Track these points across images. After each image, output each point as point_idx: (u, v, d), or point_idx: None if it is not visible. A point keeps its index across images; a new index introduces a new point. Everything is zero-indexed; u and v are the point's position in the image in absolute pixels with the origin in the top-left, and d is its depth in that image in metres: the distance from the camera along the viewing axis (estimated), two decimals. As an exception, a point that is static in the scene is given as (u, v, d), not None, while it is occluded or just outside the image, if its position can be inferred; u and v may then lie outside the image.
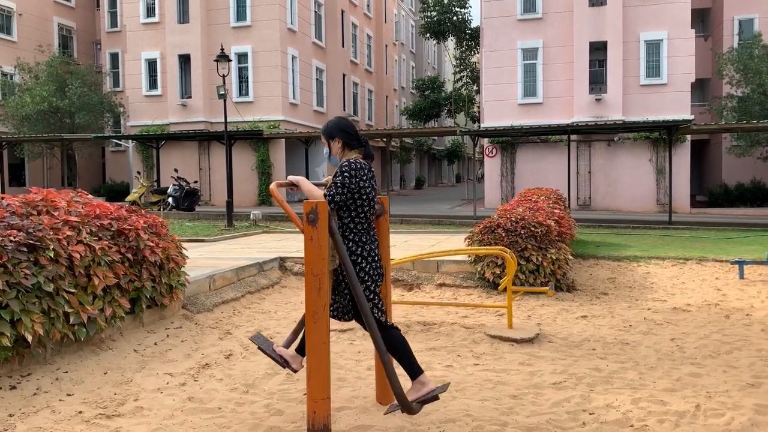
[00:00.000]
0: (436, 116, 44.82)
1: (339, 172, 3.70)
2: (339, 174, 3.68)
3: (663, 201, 24.28)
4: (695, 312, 7.33)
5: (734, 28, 29.31)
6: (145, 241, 5.91)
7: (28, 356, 4.72)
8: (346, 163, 3.75)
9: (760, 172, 27.69)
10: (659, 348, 5.79)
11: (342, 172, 3.68)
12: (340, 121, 3.98)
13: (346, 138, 3.89)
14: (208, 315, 6.89)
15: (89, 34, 36.67)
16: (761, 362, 5.30)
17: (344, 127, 3.92)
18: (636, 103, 25.12)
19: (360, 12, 38.74)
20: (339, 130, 3.90)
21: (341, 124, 3.95)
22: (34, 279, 4.58)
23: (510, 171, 26.82)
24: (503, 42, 26.45)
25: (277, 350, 4.13)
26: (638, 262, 11.22)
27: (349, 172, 3.68)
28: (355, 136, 3.92)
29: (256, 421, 4.05)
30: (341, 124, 3.95)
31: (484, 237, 8.46)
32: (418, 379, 3.74)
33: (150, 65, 29.85)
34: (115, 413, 4.18)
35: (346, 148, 3.90)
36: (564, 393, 4.57)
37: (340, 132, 3.90)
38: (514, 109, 26.47)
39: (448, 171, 71.14)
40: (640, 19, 24.99)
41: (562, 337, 6.18)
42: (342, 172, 3.68)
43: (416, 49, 56.57)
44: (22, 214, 5.08)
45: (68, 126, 29.61)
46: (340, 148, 3.90)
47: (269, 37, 27.95)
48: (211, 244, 12.55)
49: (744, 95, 24.83)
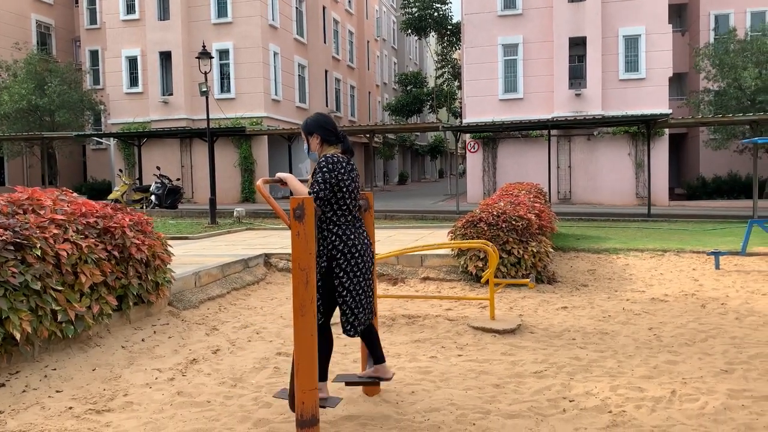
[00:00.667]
0: (418, 112, 45.00)
1: (318, 168, 3.80)
2: (318, 170, 3.78)
3: (642, 194, 24.63)
4: (672, 302, 7.52)
5: (710, 23, 29.76)
6: (131, 238, 5.95)
7: (16, 354, 4.76)
8: (323, 159, 3.84)
9: (736, 164, 28.18)
10: (637, 337, 5.95)
11: (321, 168, 3.78)
12: (319, 117, 4.06)
13: (324, 134, 3.97)
14: (194, 311, 6.94)
15: (68, 31, 36.27)
16: (734, 349, 5.48)
17: (322, 123, 4.00)
18: (615, 97, 25.44)
19: (341, 8, 38.72)
20: (317, 126, 3.98)
21: (319, 120, 4.03)
22: (22, 277, 4.62)
23: (492, 166, 27.03)
24: (484, 38, 26.62)
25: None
26: (618, 254, 11.43)
27: (327, 167, 3.78)
28: (333, 132, 4.00)
29: (245, 413, 4.13)
30: (319, 120, 4.03)
31: (466, 231, 8.59)
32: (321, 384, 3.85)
33: (130, 62, 29.63)
34: (104, 408, 4.24)
35: (324, 143, 3.98)
36: (545, 381, 4.70)
37: (318, 128, 3.98)
38: (496, 105, 26.68)
39: (431, 166, 71.37)
40: (619, 15, 25.29)
41: (543, 328, 6.32)
42: (321, 168, 3.78)
43: (398, 45, 56.65)
44: (8, 213, 5.10)
45: (48, 124, 29.32)
46: (319, 144, 3.98)
47: (250, 34, 27.88)
48: (196, 241, 12.55)
49: (720, 89, 25.24)
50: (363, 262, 3.93)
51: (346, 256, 3.84)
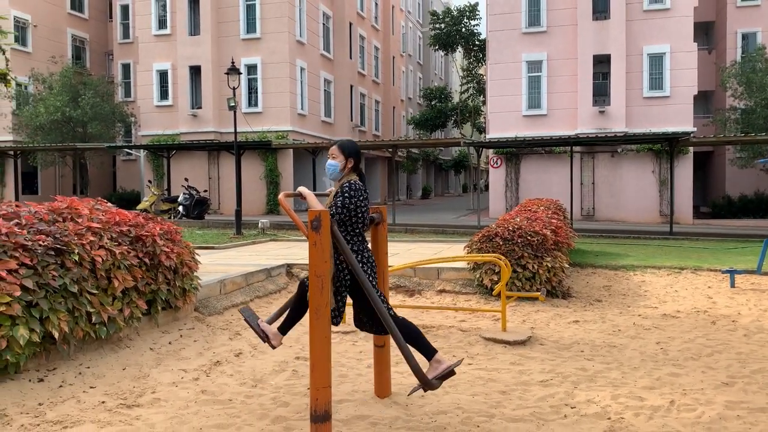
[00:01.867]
0: (442, 126, 45.27)
1: (340, 192, 4.13)
2: (340, 195, 4.11)
3: (666, 212, 24.55)
4: (684, 318, 7.65)
5: (738, 41, 29.64)
6: (161, 246, 6.31)
7: (54, 352, 5.11)
8: (347, 185, 4.16)
9: (763, 183, 27.93)
10: (644, 350, 6.12)
11: (343, 193, 4.11)
12: (356, 146, 4.41)
13: (356, 161, 4.31)
14: (219, 317, 7.27)
15: (101, 45, 37.38)
16: (738, 364, 5.63)
17: (359, 151, 4.36)
18: (639, 115, 25.46)
19: (368, 24, 39.30)
20: (356, 153, 4.32)
21: (357, 148, 4.39)
22: (61, 280, 4.98)
23: (514, 181, 27.17)
24: (508, 54, 26.88)
25: (261, 325, 4.51)
26: (635, 271, 11.54)
27: (349, 194, 4.11)
28: (360, 161, 4.35)
29: (264, 411, 4.42)
30: (357, 148, 4.39)
31: (482, 245, 8.82)
32: (434, 358, 4.16)
33: (161, 76, 30.45)
34: (134, 404, 4.56)
35: (353, 170, 4.30)
36: (549, 390, 4.92)
37: (355, 154, 4.32)
38: (519, 121, 26.86)
39: (454, 181, 71.51)
40: (643, 33, 25.37)
41: (553, 340, 6.52)
42: (343, 193, 4.11)
43: (423, 60, 57.13)
44: (48, 221, 5.49)
45: (80, 135, 30.21)
46: (350, 169, 4.29)
47: (278, 49, 28.51)
48: (221, 251, 12.94)
49: (747, 108, 25.11)
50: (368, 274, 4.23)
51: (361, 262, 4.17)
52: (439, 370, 4.08)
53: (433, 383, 4.01)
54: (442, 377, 4.07)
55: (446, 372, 4.07)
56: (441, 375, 4.06)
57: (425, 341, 4.24)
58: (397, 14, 46.98)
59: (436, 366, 4.12)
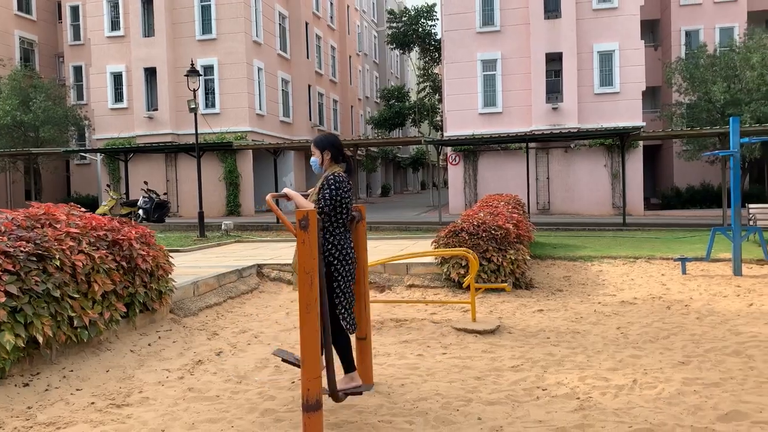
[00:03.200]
0: (400, 125, 45.67)
1: (326, 185, 4.32)
2: (327, 187, 4.29)
3: (618, 204, 25.40)
4: (641, 304, 8.09)
5: (681, 38, 30.83)
6: (138, 250, 6.39)
7: (37, 357, 5.17)
8: (331, 177, 4.35)
9: (708, 175, 29.13)
10: (606, 335, 6.50)
11: (329, 186, 4.30)
12: (331, 137, 4.61)
13: (334, 152, 4.51)
14: (194, 318, 7.37)
15: (51, 47, 36.47)
16: (692, 344, 6.04)
17: (333, 142, 4.54)
18: (591, 111, 26.25)
19: (324, 24, 39.36)
20: (330, 144, 4.51)
21: (331, 139, 4.57)
22: (44, 285, 5.05)
23: (473, 178, 27.68)
24: (463, 54, 27.36)
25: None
26: (592, 261, 12.03)
27: (335, 185, 4.31)
28: (342, 152, 4.55)
29: (252, 405, 4.59)
30: (331, 139, 4.57)
31: (449, 240, 9.12)
32: (350, 374, 4.45)
33: (115, 78, 29.93)
34: (124, 403, 4.68)
35: (333, 161, 4.50)
36: (521, 374, 5.22)
37: (330, 146, 4.51)
38: (476, 119, 27.38)
39: (413, 178, 72.05)
40: (593, 31, 26.16)
41: (521, 329, 6.85)
42: (329, 186, 4.30)
43: (379, 60, 57.41)
44: (27, 227, 5.53)
45: (32, 140, 29.49)
46: (328, 161, 4.50)
47: (235, 50, 28.37)
48: (187, 253, 12.94)
49: (691, 102, 26.17)
50: (352, 267, 4.47)
51: (342, 262, 4.36)
52: (350, 385, 4.39)
53: (340, 396, 4.23)
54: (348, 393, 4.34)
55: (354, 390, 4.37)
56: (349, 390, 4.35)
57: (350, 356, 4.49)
58: (353, 14, 47.13)
59: (348, 381, 4.42)
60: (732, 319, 7.09)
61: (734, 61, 24.48)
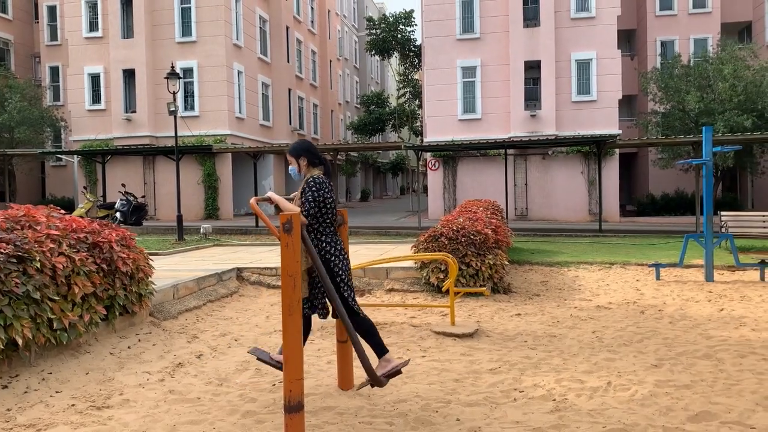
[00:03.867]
0: (380, 130, 45.82)
1: (307, 188, 4.39)
2: (308, 190, 4.36)
3: (595, 211, 25.75)
4: (615, 309, 8.25)
5: (657, 48, 31.40)
6: (118, 252, 6.38)
7: (16, 359, 5.15)
8: (311, 180, 4.43)
9: (683, 183, 29.66)
10: (582, 339, 6.63)
11: (310, 188, 4.38)
12: (304, 143, 4.68)
13: (309, 157, 4.59)
14: (174, 321, 7.36)
15: (27, 47, 36.01)
16: (665, 348, 6.20)
17: (308, 148, 4.63)
18: (568, 118, 26.61)
19: (304, 28, 39.38)
20: (304, 150, 4.60)
21: (305, 145, 4.65)
22: (24, 287, 5.03)
23: (452, 183, 27.87)
24: (443, 60, 27.58)
25: (274, 357, 4.71)
26: (568, 267, 12.21)
27: (315, 187, 4.39)
28: (317, 155, 4.63)
29: (233, 407, 4.62)
30: (305, 145, 4.65)
31: (428, 245, 9.21)
32: (384, 357, 4.50)
33: (93, 79, 29.64)
34: (104, 405, 4.68)
35: (309, 165, 4.59)
36: (499, 377, 5.32)
37: (304, 152, 4.59)
38: (455, 125, 27.59)
39: (392, 183, 72.24)
40: (571, 40, 26.54)
41: (499, 332, 6.95)
42: (310, 188, 4.38)
43: (360, 65, 57.55)
44: (6, 229, 5.50)
45: (6, 141, 29.06)
46: (306, 166, 4.58)
47: (215, 53, 28.28)
48: (166, 257, 12.87)
49: (666, 111, 26.66)
50: (348, 262, 4.60)
51: (338, 257, 4.50)
52: (388, 368, 4.42)
53: (382, 380, 4.33)
54: (389, 375, 4.41)
55: (394, 370, 4.42)
56: (389, 373, 4.40)
57: (379, 339, 4.55)
58: (333, 18, 47.21)
59: (385, 364, 4.46)
60: (703, 323, 7.27)
61: (707, 72, 24.99)
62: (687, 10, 31.25)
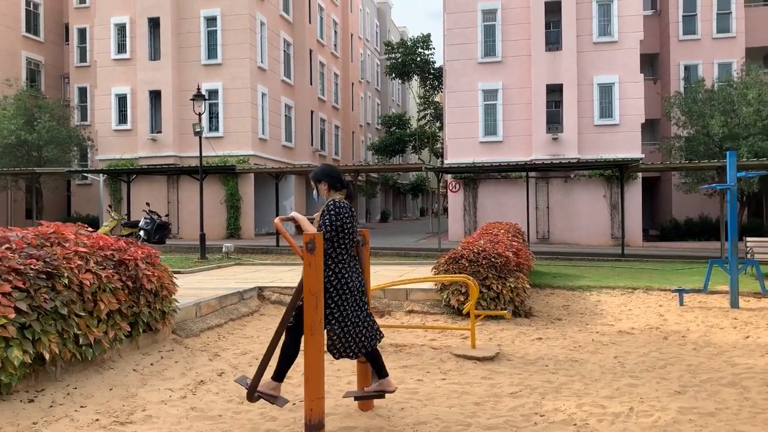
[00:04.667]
0: (401, 152, 46.03)
1: (326, 211, 4.45)
2: (326, 213, 4.42)
3: (617, 235, 25.52)
4: (638, 334, 8.17)
5: (680, 72, 31.26)
6: (143, 270, 6.49)
7: (42, 373, 5.24)
8: (331, 204, 4.49)
9: (707, 207, 29.31)
10: (604, 364, 6.57)
11: (329, 212, 4.43)
12: (325, 167, 4.75)
13: (330, 181, 4.64)
14: (196, 339, 7.44)
15: (57, 69, 36.93)
16: (689, 375, 6.11)
17: (329, 173, 4.69)
18: (590, 142, 26.53)
19: (327, 51, 39.90)
20: (324, 175, 4.66)
21: (326, 169, 4.72)
22: (52, 303, 5.14)
23: (472, 205, 27.84)
24: (465, 83, 27.74)
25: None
26: (590, 291, 12.11)
27: (334, 211, 4.44)
28: (338, 179, 4.67)
29: (254, 426, 4.65)
30: (326, 169, 4.72)
31: (449, 267, 9.21)
32: (276, 384, 4.49)
33: (120, 100, 30.26)
34: (127, 421, 4.74)
35: (331, 189, 4.64)
36: (519, 400, 5.29)
37: (325, 176, 4.66)
38: (476, 147, 27.64)
39: (412, 205, 72.31)
40: (593, 64, 26.57)
41: (520, 356, 6.92)
42: (329, 212, 4.43)
43: (381, 87, 58.05)
44: (37, 245, 5.63)
45: (35, 159, 29.71)
46: (326, 190, 4.64)
47: (239, 75, 28.75)
48: (188, 275, 13.02)
49: (690, 136, 26.46)
50: (353, 296, 4.45)
51: (339, 291, 4.39)
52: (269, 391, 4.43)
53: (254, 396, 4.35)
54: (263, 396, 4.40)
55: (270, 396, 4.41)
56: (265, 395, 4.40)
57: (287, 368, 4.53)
58: (356, 42, 47.80)
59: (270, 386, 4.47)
60: (728, 350, 7.17)
61: (732, 96, 24.81)
62: (711, 34, 31.13)
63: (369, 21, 53.91)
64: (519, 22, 27.35)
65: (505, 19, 27.50)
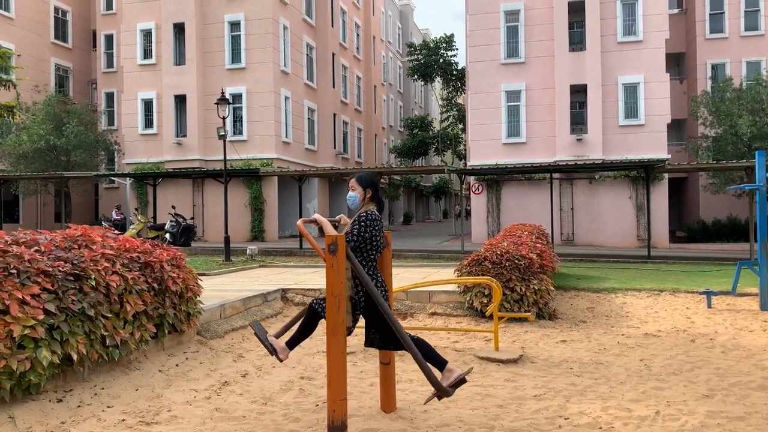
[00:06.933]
0: (424, 154, 45.95)
1: (357, 221, 4.48)
2: (357, 223, 4.45)
3: (643, 236, 25.19)
4: (664, 337, 8.05)
5: (707, 72, 30.79)
6: (169, 272, 6.57)
7: (70, 374, 5.33)
8: (364, 215, 4.52)
9: (735, 208, 28.80)
10: (629, 367, 6.49)
11: (360, 222, 4.46)
12: (375, 177, 4.82)
13: (374, 191, 4.69)
14: (221, 341, 7.50)
15: (85, 74, 37.59)
16: (717, 378, 6.01)
17: (376, 183, 4.77)
18: (615, 142, 26.24)
19: (350, 54, 40.03)
20: (372, 184, 4.71)
21: (375, 180, 4.78)
22: (80, 304, 5.23)
23: (496, 207, 27.71)
24: (488, 85, 27.62)
25: (270, 339, 4.78)
26: (616, 293, 11.97)
27: (366, 223, 4.47)
28: (379, 193, 4.72)
29: (278, 426, 4.68)
30: (375, 180, 4.78)
31: (472, 269, 9.18)
32: (446, 368, 4.49)
33: (146, 105, 30.70)
34: (153, 421, 4.80)
35: (371, 200, 4.66)
36: (543, 403, 5.24)
37: (372, 185, 4.71)
38: (499, 148, 27.50)
39: (435, 207, 72.14)
40: (618, 64, 26.28)
41: (544, 359, 6.86)
42: (360, 222, 4.46)
43: (404, 89, 58.05)
44: (65, 248, 5.73)
45: (64, 164, 30.25)
46: (368, 198, 4.66)
47: (263, 79, 28.98)
48: (213, 277, 13.14)
49: (717, 135, 26.03)
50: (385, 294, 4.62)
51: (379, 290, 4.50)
52: (452, 379, 4.42)
53: (448, 390, 4.35)
54: (454, 384, 4.40)
55: (458, 379, 4.40)
56: (454, 383, 4.39)
57: (436, 354, 4.57)
58: (378, 45, 47.87)
59: (448, 375, 4.45)
60: (758, 354, 7.03)
61: (761, 95, 24.36)
62: (739, 32, 30.62)
63: (391, 23, 53.96)
64: (542, 22, 27.17)
65: (528, 19, 27.35)
